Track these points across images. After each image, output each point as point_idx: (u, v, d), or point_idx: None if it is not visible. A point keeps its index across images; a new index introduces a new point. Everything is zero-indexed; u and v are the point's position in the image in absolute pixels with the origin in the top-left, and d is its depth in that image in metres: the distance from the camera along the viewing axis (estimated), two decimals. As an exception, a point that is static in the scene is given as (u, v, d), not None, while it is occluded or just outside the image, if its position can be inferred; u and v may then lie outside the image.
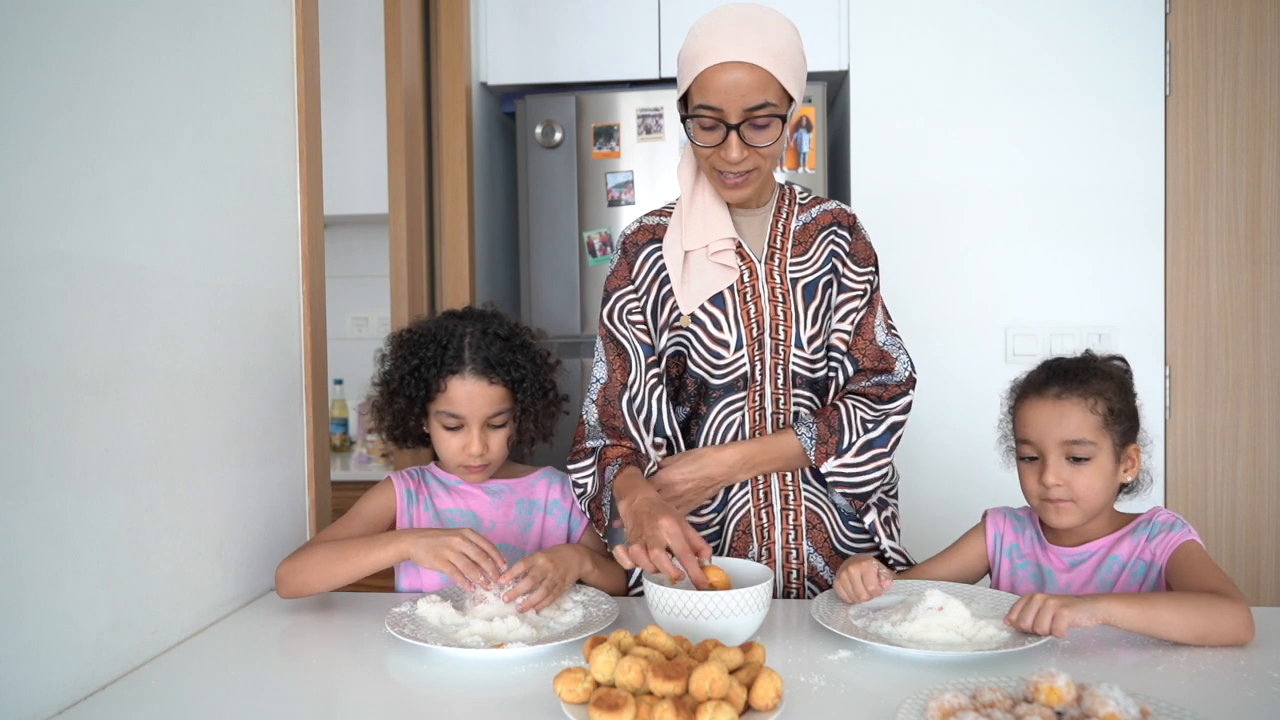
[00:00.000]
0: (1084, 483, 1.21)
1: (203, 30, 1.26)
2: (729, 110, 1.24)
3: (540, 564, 1.20)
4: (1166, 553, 1.20)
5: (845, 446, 1.33)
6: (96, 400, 1.03)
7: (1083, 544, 1.26)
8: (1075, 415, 1.21)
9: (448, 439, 1.36)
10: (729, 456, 1.34)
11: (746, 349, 1.37)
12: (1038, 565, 1.29)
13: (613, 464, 1.36)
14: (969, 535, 1.37)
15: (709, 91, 1.24)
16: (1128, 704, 0.81)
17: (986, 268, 2.45)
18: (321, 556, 1.25)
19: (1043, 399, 1.24)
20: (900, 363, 1.40)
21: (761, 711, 0.87)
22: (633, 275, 1.42)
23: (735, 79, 1.22)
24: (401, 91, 2.36)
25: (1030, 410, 1.25)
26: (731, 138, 1.26)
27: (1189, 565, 1.17)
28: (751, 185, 1.33)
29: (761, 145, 1.27)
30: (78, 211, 1.01)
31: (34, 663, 0.94)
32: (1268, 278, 2.40)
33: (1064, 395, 1.22)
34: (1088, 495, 1.21)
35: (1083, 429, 1.21)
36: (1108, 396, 1.22)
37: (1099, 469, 1.21)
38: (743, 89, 1.23)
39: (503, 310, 1.45)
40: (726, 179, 1.31)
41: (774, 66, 1.23)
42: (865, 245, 1.43)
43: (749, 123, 1.25)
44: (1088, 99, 2.41)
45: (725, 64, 1.22)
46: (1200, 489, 2.43)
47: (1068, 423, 1.21)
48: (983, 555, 1.35)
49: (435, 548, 1.18)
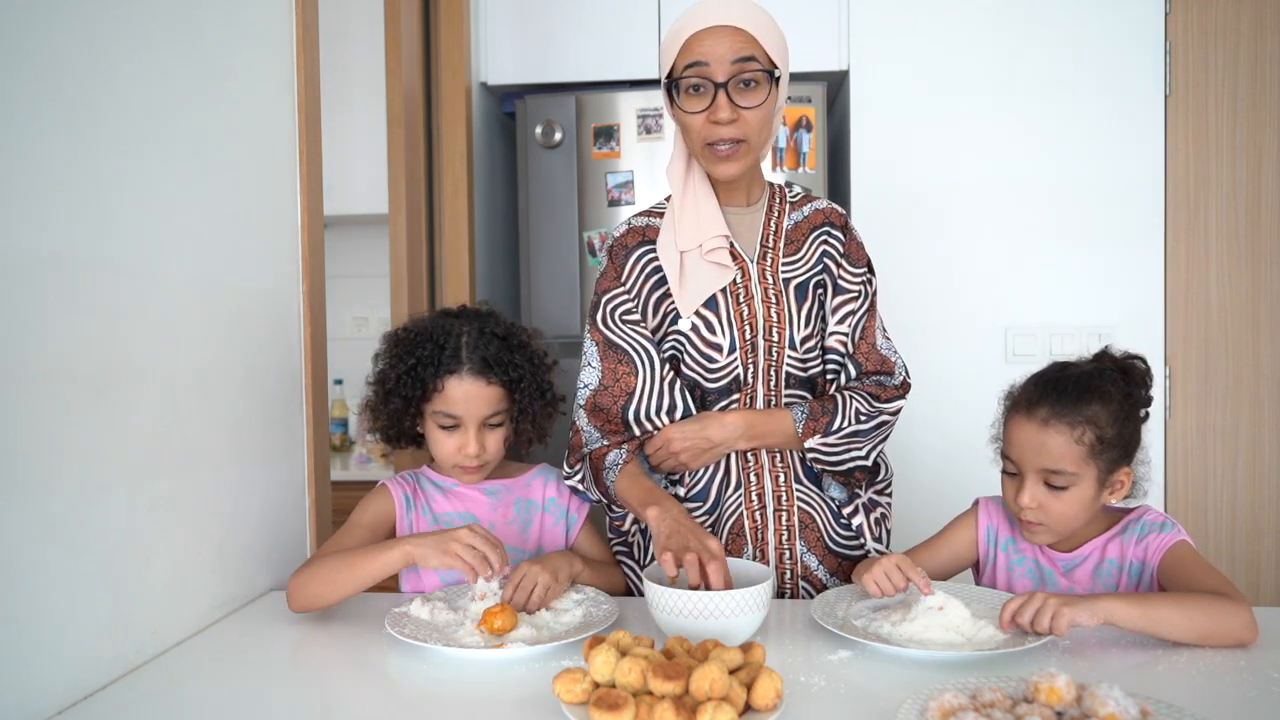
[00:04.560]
0: (1058, 509, 1.19)
1: (203, 30, 1.26)
2: (716, 66, 1.28)
3: (529, 571, 1.21)
4: (1158, 554, 1.20)
5: (834, 429, 1.33)
6: (96, 400, 1.03)
7: (1075, 548, 1.25)
8: (1058, 445, 1.16)
9: (444, 439, 1.36)
10: (731, 420, 1.34)
11: (739, 352, 1.36)
12: (1036, 563, 1.28)
13: (617, 450, 1.36)
14: (959, 523, 1.35)
15: (695, 52, 1.29)
16: (1128, 704, 0.81)
17: (986, 267, 2.45)
18: (328, 568, 1.23)
19: (1029, 420, 1.19)
20: (898, 367, 1.42)
21: (761, 711, 0.87)
22: (623, 278, 1.41)
23: (720, 38, 1.28)
24: (401, 91, 2.36)
25: (1015, 429, 1.21)
26: (720, 97, 1.28)
27: (1184, 566, 1.17)
28: (741, 160, 1.33)
29: (749, 106, 1.29)
30: (78, 211, 1.01)
31: (34, 663, 0.94)
32: (1268, 278, 2.40)
33: (1051, 421, 1.17)
34: (1061, 520, 1.20)
35: (1064, 460, 1.16)
36: (1099, 424, 1.16)
37: (1077, 497, 1.18)
38: (728, 44, 1.27)
39: (499, 309, 1.44)
40: (717, 150, 1.32)
41: (758, 32, 1.29)
42: (858, 246, 1.44)
43: (737, 79, 1.28)
44: (1088, 99, 2.41)
45: (711, 27, 1.28)
46: (1200, 489, 2.43)
47: (1048, 451, 1.17)
48: (972, 544, 1.33)
49: (441, 544, 1.17)
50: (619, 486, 1.33)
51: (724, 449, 1.35)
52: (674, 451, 1.34)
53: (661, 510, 1.23)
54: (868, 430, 1.35)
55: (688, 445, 1.33)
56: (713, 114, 1.29)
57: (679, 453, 1.34)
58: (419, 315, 1.44)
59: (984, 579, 1.33)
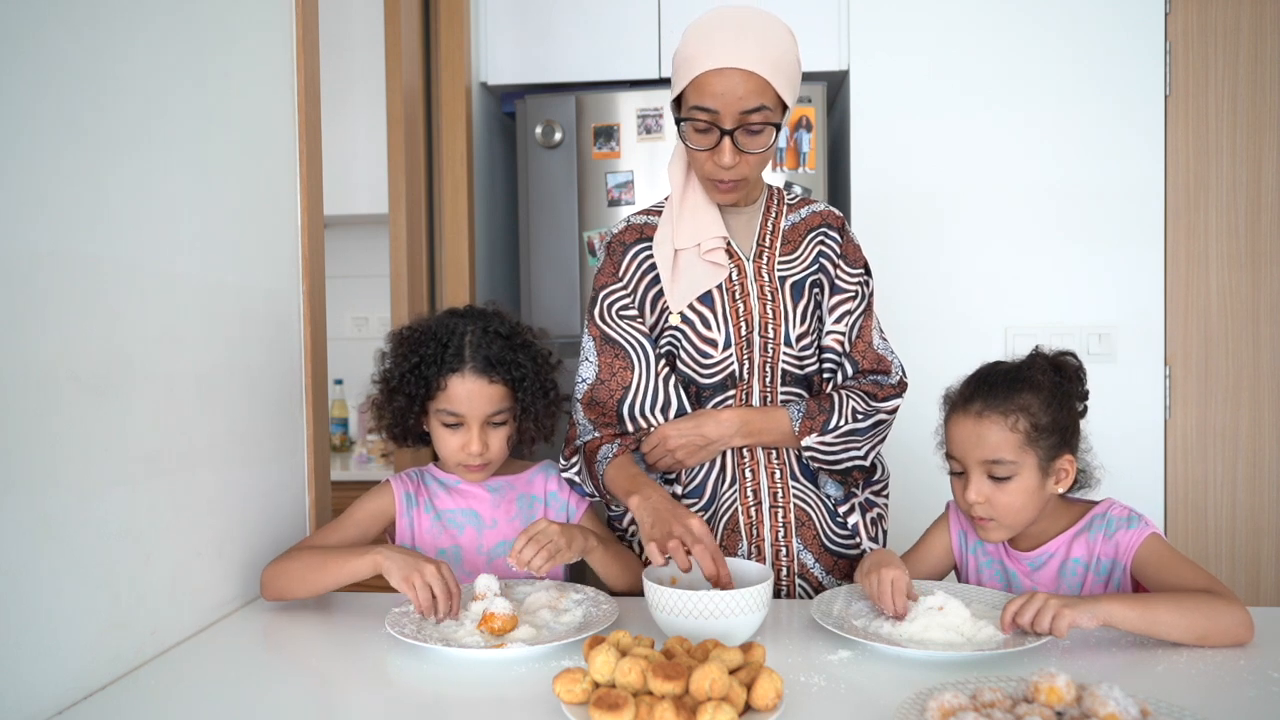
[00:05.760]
0: (1005, 500, 1.20)
1: (203, 30, 1.26)
2: (724, 114, 1.25)
3: (546, 529, 1.19)
4: (1130, 550, 1.20)
5: (831, 427, 1.34)
6: (96, 400, 1.03)
7: (1038, 547, 1.26)
8: (994, 434, 1.19)
9: (447, 437, 1.36)
10: (727, 417, 1.35)
11: (735, 348, 1.37)
12: (1002, 565, 1.29)
13: (610, 444, 1.36)
14: (933, 531, 1.36)
15: (705, 95, 1.25)
16: (1128, 704, 0.81)
17: (986, 267, 2.46)
18: (302, 564, 1.25)
19: (965, 415, 1.23)
20: (895, 367, 1.43)
21: (761, 711, 0.87)
22: (620, 274, 1.42)
23: (732, 84, 1.23)
24: (401, 91, 2.36)
25: (954, 426, 1.25)
26: (725, 143, 1.27)
27: (1164, 563, 1.17)
28: (741, 190, 1.35)
29: (754, 151, 1.28)
30: (78, 211, 1.01)
31: (33, 663, 0.94)
32: (1268, 278, 2.40)
33: (984, 413, 1.20)
34: (1008, 513, 1.21)
35: (1001, 449, 1.19)
36: (1031, 413, 1.19)
37: (1021, 486, 1.20)
38: (739, 94, 1.23)
39: (504, 309, 1.45)
40: (719, 185, 1.33)
41: (771, 74, 1.24)
42: (855, 248, 1.45)
43: (743, 128, 1.26)
44: (1088, 99, 2.41)
45: (722, 69, 1.23)
46: (1200, 489, 2.43)
47: (986, 442, 1.20)
48: (948, 550, 1.35)
49: (406, 569, 1.16)
50: (608, 477, 1.34)
51: (720, 446, 1.36)
52: (670, 449, 1.34)
53: (642, 498, 1.23)
54: (865, 429, 1.36)
55: (684, 442, 1.34)
56: (716, 156, 1.29)
57: (675, 450, 1.34)
58: (426, 314, 1.45)
59: (963, 582, 1.34)
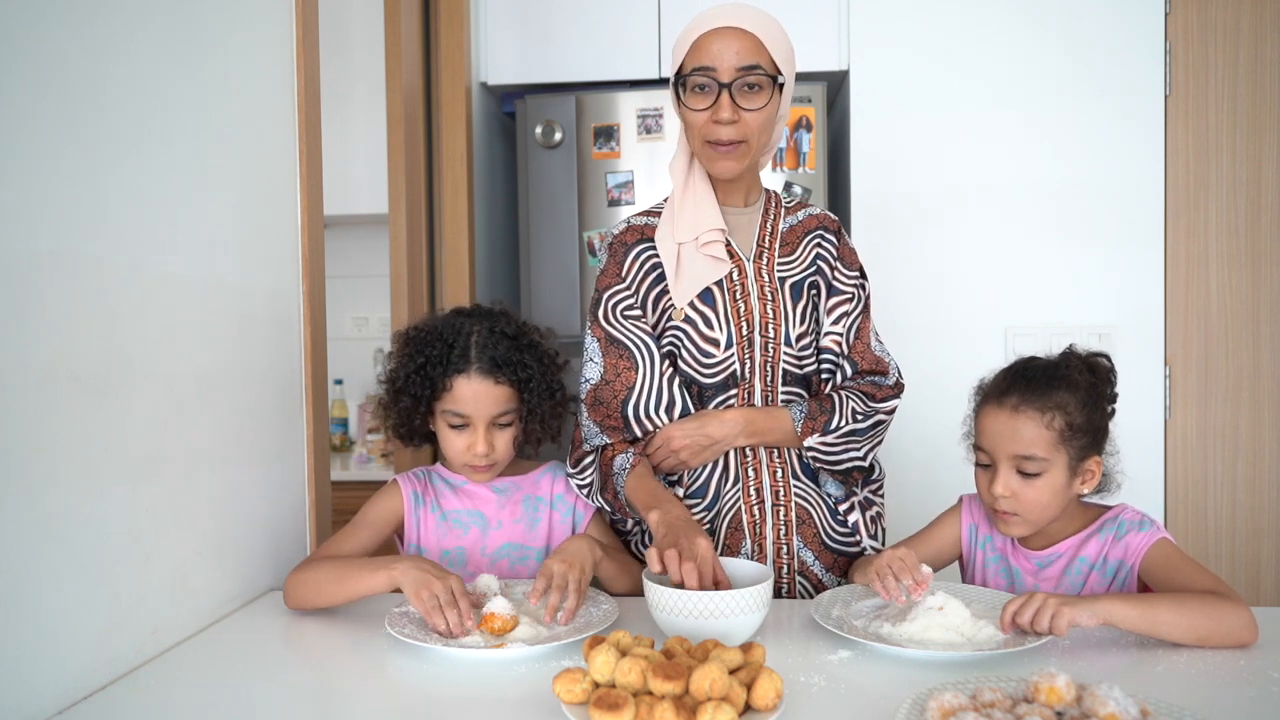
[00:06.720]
0: (1032, 496, 1.20)
1: (202, 30, 1.26)
2: (721, 69, 1.31)
3: (557, 570, 1.17)
4: (1139, 553, 1.20)
5: (832, 427, 1.35)
6: (96, 400, 1.03)
7: (1049, 546, 1.26)
8: (1029, 430, 1.19)
9: (453, 438, 1.36)
10: (730, 417, 1.35)
11: (736, 347, 1.38)
12: (1007, 563, 1.29)
13: (624, 454, 1.36)
14: (944, 519, 1.37)
15: (703, 55, 1.32)
16: (1128, 704, 0.81)
17: (986, 267, 2.45)
18: (323, 576, 1.24)
19: (1000, 409, 1.22)
20: (892, 368, 1.45)
21: (761, 711, 0.87)
22: (623, 274, 1.43)
23: (728, 41, 1.31)
24: (401, 91, 2.36)
25: (987, 418, 1.24)
26: (723, 97, 1.32)
27: (1172, 565, 1.17)
28: (740, 159, 1.36)
29: (751, 108, 1.32)
30: (78, 211, 1.01)
31: (34, 663, 0.94)
32: (1268, 278, 2.40)
33: (1021, 407, 1.20)
34: (1033, 509, 1.21)
35: (1035, 445, 1.18)
36: (1068, 410, 1.19)
37: (1049, 484, 1.19)
38: (735, 49, 1.31)
39: (510, 309, 1.45)
40: (717, 147, 1.35)
41: (766, 39, 1.32)
42: (851, 251, 1.48)
43: (741, 82, 1.31)
44: (1088, 98, 2.41)
45: (720, 29, 1.32)
46: (1200, 489, 2.43)
47: (1020, 437, 1.19)
48: (956, 542, 1.35)
49: (420, 583, 1.15)
50: (628, 489, 1.33)
51: (724, 446, 1.36)
52: (674, 449, 1.35)
53: (662, 513, 1.23)
54: (865, 429, 1.37)
55: (688, 443, 1.34)
56: (715, 113, 1.32)
57: (679, 450, 1.35)
58: (432, 314, 1.45)
59: (967, 577, 1.35)
